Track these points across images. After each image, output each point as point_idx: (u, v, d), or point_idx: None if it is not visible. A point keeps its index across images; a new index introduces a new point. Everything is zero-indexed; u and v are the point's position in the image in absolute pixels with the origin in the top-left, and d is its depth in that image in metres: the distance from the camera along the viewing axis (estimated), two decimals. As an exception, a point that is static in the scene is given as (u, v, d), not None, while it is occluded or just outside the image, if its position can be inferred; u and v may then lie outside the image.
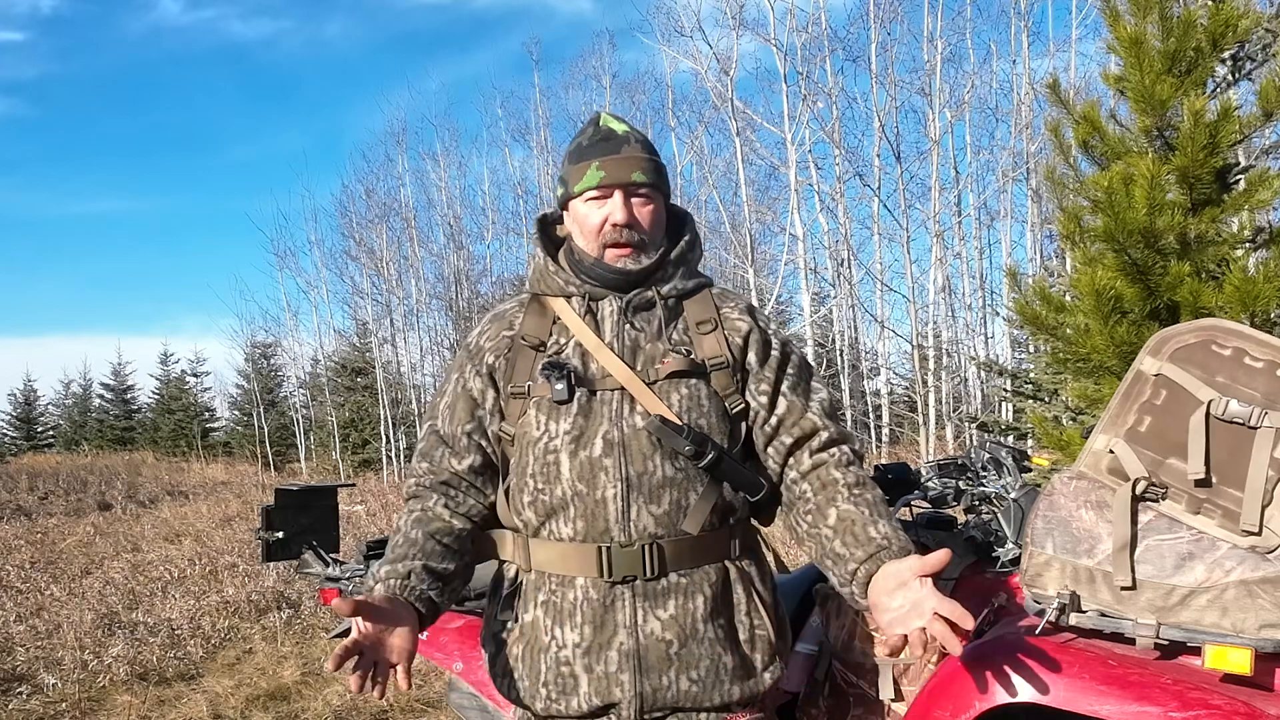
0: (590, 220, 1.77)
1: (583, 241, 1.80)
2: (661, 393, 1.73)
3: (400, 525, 1.79)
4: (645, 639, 1.70)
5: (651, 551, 1.70)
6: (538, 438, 1.74)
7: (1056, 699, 1.74)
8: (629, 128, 1.81)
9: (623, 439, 1.71)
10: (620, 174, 1.75)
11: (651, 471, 1.70)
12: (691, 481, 1.73)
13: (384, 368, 21.33)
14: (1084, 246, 4.36)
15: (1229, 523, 1.75)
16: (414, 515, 1.78)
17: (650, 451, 1.71)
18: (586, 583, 1.72)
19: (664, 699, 1.71)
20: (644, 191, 1.78)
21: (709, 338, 1.79)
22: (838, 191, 15.39)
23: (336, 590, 2.92)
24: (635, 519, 1.70)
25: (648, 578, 1.70)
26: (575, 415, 1.72)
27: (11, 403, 35.90)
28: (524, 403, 1.77)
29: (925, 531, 2.40)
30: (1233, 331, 1.81)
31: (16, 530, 11.57)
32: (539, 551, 1.76)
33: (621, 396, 1.73)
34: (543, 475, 1.73)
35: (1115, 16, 4.35)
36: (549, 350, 1.79)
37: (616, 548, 1.69)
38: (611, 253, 1.77)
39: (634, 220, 1.76)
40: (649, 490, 1.70)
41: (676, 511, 1.72)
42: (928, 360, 14.37)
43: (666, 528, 1.71)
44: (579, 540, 1.71)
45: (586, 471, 1.70)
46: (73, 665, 5.21)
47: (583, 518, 1.71)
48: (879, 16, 14.47)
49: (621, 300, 1.79)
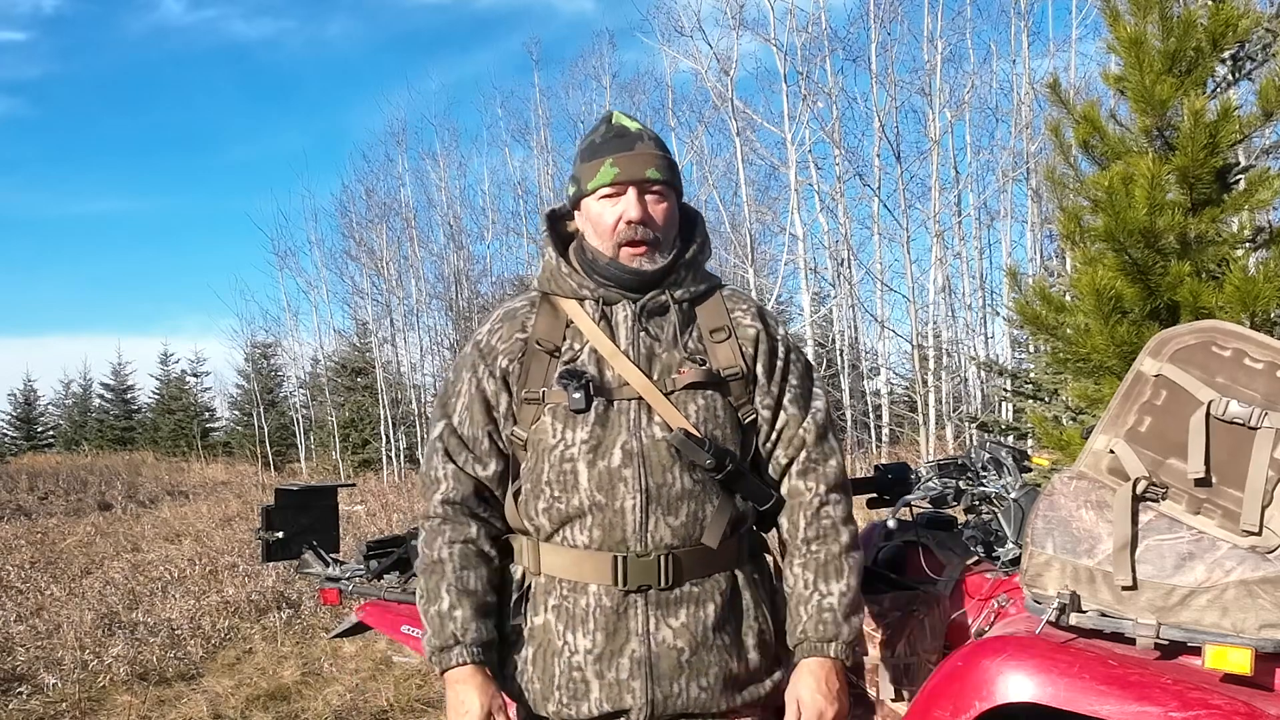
0: (604, 219, 1.75)
1: (596, 241, 1.78)
2: (679, 403, 1.72)
3: (441, 554, 1.75)
4: (657, 647, 1.70)
5: (667, 562, 1.70)
6: (553, 445, 1.72)
7: (1056, 699, 1.74)
8: (641, 126, 1.80)
9: (642, 450, 1.70)
10: (634, 170, 1.73)
11: (670, 483, 1.70)
12: (708, 493, 1.73)
13: (384, 368, 21.32)
14: (1084, 246, 4.36)
15: (1229, 523, 1.75)
16: (458, 549, 1.76)
17: (670, 463, 1.70)
18: (600, 590, 1.71)
19: (674, 706, 1.72)
20: (658, 189, 1.76)
21: (723, 346, 1.79)
22: (838, 191, 15.39)
23: (336, 590, 2.92)
24: (653, 530, 1.69)
25: (662, 588, 1.70)
26: (593, 424, 1.71)
27: (11, 403, 35.93)
28: (538, 408, 1.75)
29: (925, 531, 2.40)
30: (1232, 333, 1.81)
31: (16, 530, 11.58)
32: (550, 556, 1.75)
33: (639, 406, 1.72)
34: (559, 483, 1.72)
35: (1115, 16, 4.35)
36: (564, 356, 1.76)
37: (633, 557, 1.69)
38: (626, 251, 1.75)
39: (648, 217, 1.74)
40: (668, 502, 1.70)
41: (693, 523, 1.72)
42: (928, 360, 14.36)
43: (683, 539, 1.71)
44: (594, 548, 1.71)
45: (605, 482, 1.69)
46: (73, 665, 5.20)
47: (600, 527, 1.70)
48: (879, 16, 14.46)
49: (635, 305, 1.76)
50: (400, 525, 9.31)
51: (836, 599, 1.76)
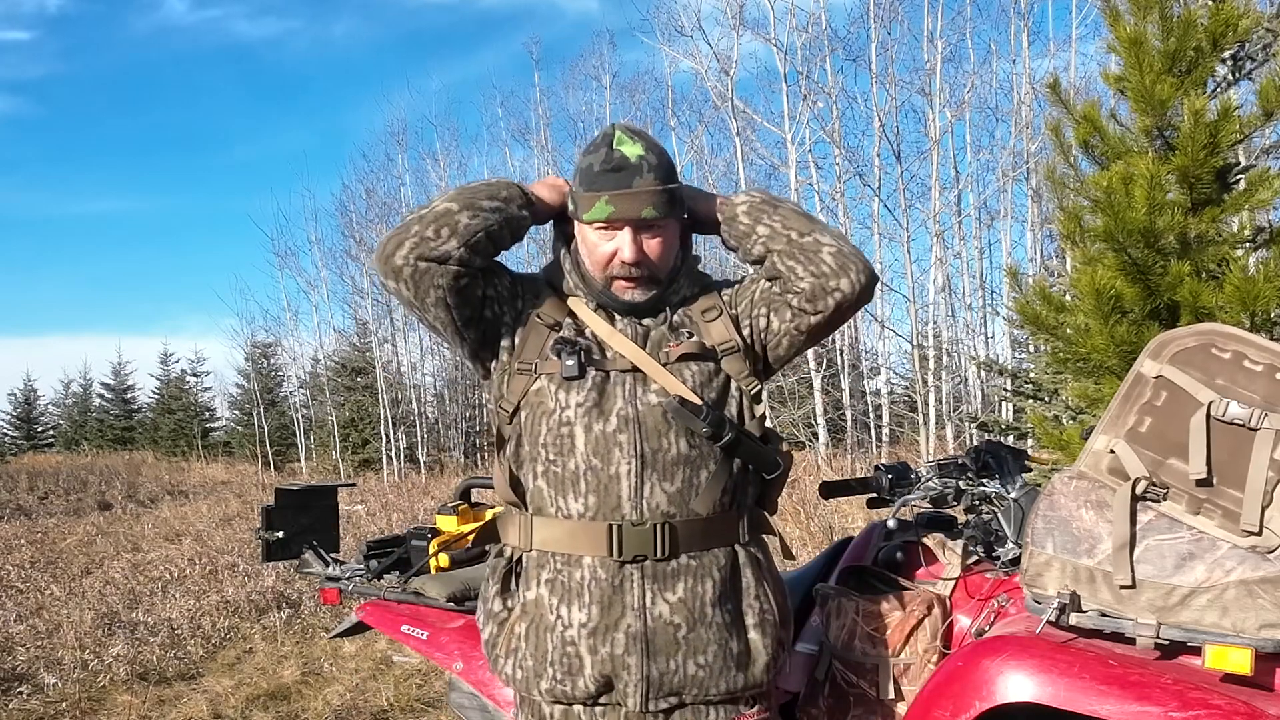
0: (598, 251, 1.76)
1: (589, 265, 1.79)
2: (674, 373, 1.74)
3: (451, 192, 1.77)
4: (654, 621, 1.70)
5: (663, 531, 1.70)
6: (552, 409, 1.73)
7: (1056, 699, 1.74)
8: (643, 149, 1.73)
9: (637, 415, 1.71)
10: (630, 211, 1.71)
11: (666, 449, 1.71)
12: (705, 459, 1.73)
13: (384, 367, 21.32)
14: (1084, 246, 4.36)
15: (1229, 523, 1.76)
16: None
17: (665, 429, 1.71)
18: (595, 562, 1.71)
19: (671, 683, 1.71)
20: (655, 226, 1.74)
21: (715, 324, 1.81)
22: (838, 191, 15.40)
23: (336, 590, 2.92)
24: (648, 496, 1.69)
25: (658, 558, 1.70)
26: (589, 390, 1.72)
27: (11, 402, 35.96)
28: (528, 379, 1.76)
29: (926, 531, 2.40)
30: (1232, 336, 1.82)
31: (16, 530, 11.57)
32: (543, 530, 1.75)
33: (635, 377, 1.74)
34: (555, 446, 1.73)
35: (1115, 16, 4.35)
36: (563, 329, 1.79)
37: (628, 526, 1.69)
38: (620, 284, 1.77)
39: (643, 257, 1.74)
40: (663, 467, 1.70)
41: (689, 490, 1.72)
42: (928, 360, 14.36)
43: (679, 506, 1.71)
44: (589, 517, 1.71)
45: (601, 446, 1.70)
46: (73, 665, 5.21)
47: (594, 493, 1.70)
48: (879, 16, 14.46)
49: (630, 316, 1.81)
50: (400, 525, 9.31)
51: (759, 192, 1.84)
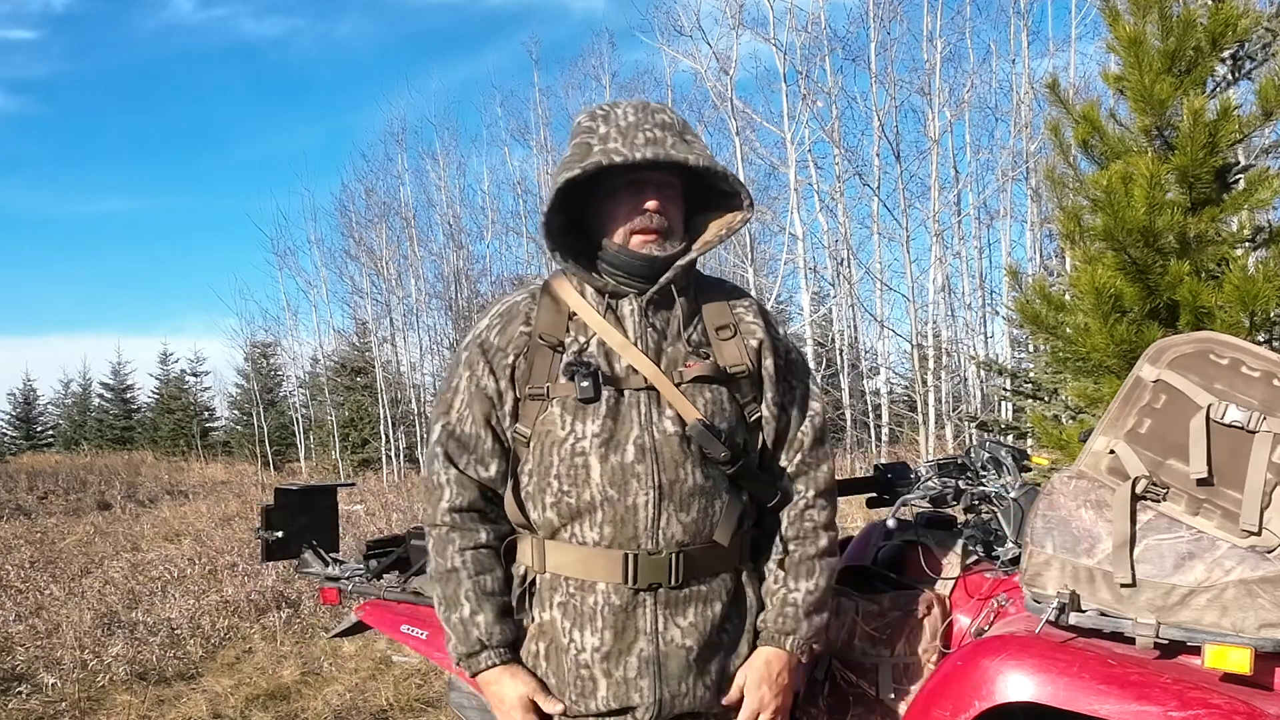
0: (624, 204, 1.74)
1: (609, 228, 1.75)
2: (687, 395, 1.72)
3: (455, 562, 1.75)
4: (666, 646, 1.71)
5: (678, 560, 1.70)
6: (563, 438, 1.71)
7: (1056, 698, 1.74)
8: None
9: (654, 445, 1.69)
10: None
11: (683, 479, 1.70)
12: (718, 489, 1.73)
13: (384, 367, 21.31)
14: (1084, 246, 4.37)
15: (1228, 523, 1.76)
16: (470, 555, 1.76)
17: (682, 459, 1.70)
18: (608, 588, 1.70)
19: (681, 705, 1.72)
20: (672, 188, 1.76)
21: (729, 344, 1.79)
22: (837, 191, 15.39)
23: (336, 590, 2.92)
24: (665, 527, 1.69)
25: (672, 586, 1.70)
26: (604, 416, 1.70)
27: (11, 402, 35.89)
28: (542, 404, 1.73)
29: (925, 531, 2.40)
30: (1229, 344, 1.84)
31: (16, 530, 11.56)
32: (556, 554, 1.74)
33: (649, 398, 1.71)
34: (569, 477, 1.71)
35: (1115, 16, 4.35)
36: (568, 350, 1.75)
37: (644, 555, 1.69)
38: (638, 239, 1.73)
39: (666, 210, 1.74)
40: (680, 498, 1.70)
41: (704, 519, 1.72)
42: (927, 360, 14.36)
43: (694, 535, 1.71)
44: (604, 545, 1.70)
45: (618, 477, 1.68)
46: (72, 665, 5.20)
47: (611, 523, 1.69)
48: (879, 16, 14.46)
49: (641, 300, 1.75)
50: (400, 525, 9.30)
51: (802, 596, 1.80)
